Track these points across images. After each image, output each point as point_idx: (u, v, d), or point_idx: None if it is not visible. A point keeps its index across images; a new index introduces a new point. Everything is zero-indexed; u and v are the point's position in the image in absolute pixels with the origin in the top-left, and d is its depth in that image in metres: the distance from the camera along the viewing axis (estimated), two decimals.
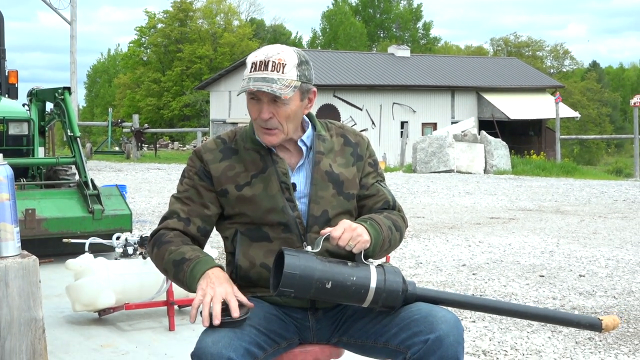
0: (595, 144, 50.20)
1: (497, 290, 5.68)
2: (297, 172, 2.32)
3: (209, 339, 2.05)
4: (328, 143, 2.36)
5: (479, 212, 10.71)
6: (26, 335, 2.34)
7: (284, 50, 2.24)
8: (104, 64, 70.18)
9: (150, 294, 4.36)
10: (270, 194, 2.26)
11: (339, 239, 2.15)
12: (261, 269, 2.28)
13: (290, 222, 2.26)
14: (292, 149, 2.34)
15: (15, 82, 8.59)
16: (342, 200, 2.33)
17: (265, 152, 2.30)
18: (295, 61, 2.22)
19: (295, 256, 2.09)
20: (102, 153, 26.57)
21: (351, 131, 2.45)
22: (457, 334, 2.12)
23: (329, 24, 61.62)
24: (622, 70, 73.85)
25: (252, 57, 2.24)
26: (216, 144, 2.36)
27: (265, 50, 2.24)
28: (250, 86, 2.18)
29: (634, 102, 21.98)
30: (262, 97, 2.22)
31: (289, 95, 2.19)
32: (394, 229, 2.34)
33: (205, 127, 36.35)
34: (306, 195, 2.30)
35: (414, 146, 20.63)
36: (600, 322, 2.33)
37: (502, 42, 62.52)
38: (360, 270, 2.15)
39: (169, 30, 47.66)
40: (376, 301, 2.16)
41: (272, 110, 2.22)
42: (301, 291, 2.09)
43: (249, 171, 2.30)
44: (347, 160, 2.37)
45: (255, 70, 2.20)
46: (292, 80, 2.20)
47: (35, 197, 6.25)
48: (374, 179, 2.41)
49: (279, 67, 2.19)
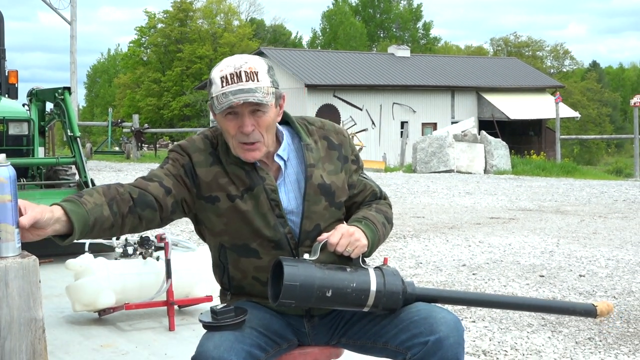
0: (595, 144, 50.20)
1: (497, 291, 5.68)
2: (279, 189, 2.23)
3: (210, 342, 2.03)
4: (315, 152, 2.26)
5: (479, 212, 10.71)
6: (26, 335, 2.34)
7: (251, 58, 2.15)
8: (104, 64, 70.21)
9: (150, 294, 4.36)
10: (261, 212, 2.18)
11: (336, 245, 2.13)
12: (253, 281, 2.25)
13: (281, 240, 2.20)
14: (270, 163, 2.24)
15: (15, 82, 8.59)
16: (334, 210, 2.27)
17: (250, 168, 2.20)
18: (265, 68, 2.14)
19: (294, 266, 2.06)
20: (102, 153, 26.57)
21: (332, 130, 2.34)
22: (457, 335, 2.11)
23: (329, 24, 61.62)
24: (622, 70, 73.88)
25: (217, 72, 2.12)
26: (204, 144, 2.24)
27: (231, 62, 2.13)
28: (234, 100, 2.08)
29: (634, 102, 21.98)
30: (241, 110, 2.11)
31: (271, 102, 2.13)
32: (386, 222, 2.33)
33: (205, 127, 36.35)
34: (292, 212, 2.22)
35: (414, 146, 20.63)
36: (595, 308, 2.36)
37: (502, 42, 62.53)
38: (360, 275, 2.13)
39: (169, 30, 47.65)
40: (376, 305, 2.15)
41: (253, 122, 2.12)
42: (302, 301, 2.07)
43: (238, 186, 2.19)
44: (336, 167, 2.29)
45: (229, 84, 2.09)
46: (269, 87, 2.12)
47: (35, 197, 6.25)
48: (357, 174, 2.37)
49: (252, 76, 2.10)
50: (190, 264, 4.61)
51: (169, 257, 4.25)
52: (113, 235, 2.18)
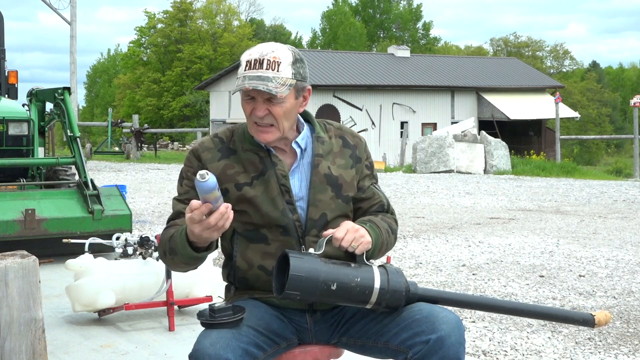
0: (595, 144, 50.18)
1: (497, 291, 5.68)
2: (292, 175, 2.30)
3: (207, 340, 2.04)
4: (327, 145, 2.34)
5: (478, 212, 10.71)
6: (26, 335, 2.34)
7: (279, 48, 2.22)
8: (103, 64, 70.20)
9: (150, 294, 4.36)
10: (270, 197, 2.25)
11: (342, 240, 2.14)
12: (259, 271, 2.27)
13: (289, 225, 2.25)
14: (288, 150, 2.32)
15: (15, 82, 8.59)
16: (341, 203, 2.31)
17: (264, 154, 2.28)
18: (290, 59, 2.21)
19: (300, 258, 2.08)
20: (102, 153, 26.56)
21: (349, 132, 2.43)
22: (458, 334, 2.12)
23: (329, 24, 61.61)
24: (622, 71, 73.85)
25: (246, 56, 2.22)
26: (214, 142, 2.33)
27: (260, 49, 2.21)
28: (246, 84, 2.16)
29: (634, 102, 21.99)
30: (257, 96, 2.20)
31: (284, 93, 2.18)
32: (390, 232, 2.35)
33: (205, 127, 36.34)
34: (302, 198, 2.28)
35: (413, 146, 20.63)
36: (593, 317, 2.39)
37: (502, 42, 62.53)
38: (364, 272, 2.15)
39: (168, 31, 47.65)
40: (379, 302, 2.16)
41: (267, 108, 2.20)
42: (307, 293, 2.08)
43: (249, 172, 2.27)
44: (347, 162, 2.35)
45: (250, 69, 2.18)
46: (288, 78, 2.19)
47: (35, 197, 6.25)
48: (370, 181, 2.41)
49: (274, 65, 2.17)
50: None
51: None
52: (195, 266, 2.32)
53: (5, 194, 6.27)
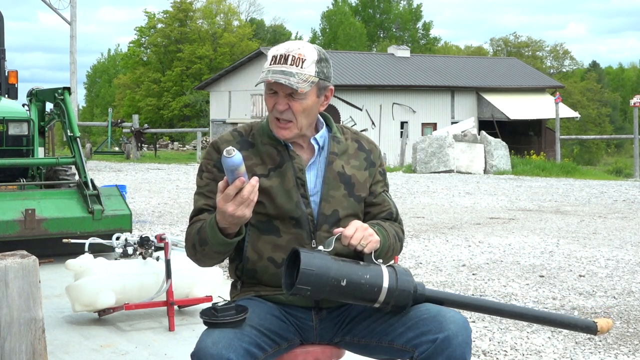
0: (595, 144, 50.19)
1: (497, 291, 5.68)
2: (308, 170, 2.34)
3: (209, 339, 2.05)
4: (342, 145, 2.39)
5: (478, 212, 10.71)
6: (26, 335, 2.34)
7: (305, 46, 2.28)
8: (103, 64, 70.20)
9: (150, 294, 4.36)
10: (285, 188, 2.28)
11: (351, 238, 2.16)
12: (268, 263, 2.29)
13: (302, 218, 2.28)
14: (305, 147, 2.36)
15: (15, 82, 8.59)
16: (353, 202, 2.35)
17: (282, 148, 2.32)
18: (315, 57, 2.26)
19: (310, 254, 2.10)
20: (102, 153, 26.56)
21: (365, 138, 2.49)
22: (465, 334, 2.14)
23: (329, 24, 61.62)
24: (621, 71, 73.87)
25: (273, 51, 2.28)
26: (233, 136, 2.37)
27: (287, 45, 2.27)
28: (269, 77, 2.21)
29: (634, 102, 21.98)
30: (279, 91, 2.24)
31: (305, 89, 2.22)
32: (397, 238, 2.38)
33: (205, 127, 36.35)
34: (316, 194, 2.32)
35: (413, 146, 20.63)
36: (596, 324, 2.40)
37: (502, 42, 62.52)
38: (373, 270, 2.17)
39: (168, 31, 47.64)
40: (387, 301, 2.17)
41: (287, 102, 2.25)
42: (317, 289, 2.10)
43: (267, 164, 2.31)
44: (361, 164, 2.40)
45: (275, 63, 2.24)
46: (310, 75, 2.24)
47: (35, 197, 6.25)
48: (381, 188, 2.44)
49: (298, 61, 2.23)
50: (190, 264, 4.60)
51: (168, 258, 4.25)
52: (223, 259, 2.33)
53: (5, 194, 6.27)
